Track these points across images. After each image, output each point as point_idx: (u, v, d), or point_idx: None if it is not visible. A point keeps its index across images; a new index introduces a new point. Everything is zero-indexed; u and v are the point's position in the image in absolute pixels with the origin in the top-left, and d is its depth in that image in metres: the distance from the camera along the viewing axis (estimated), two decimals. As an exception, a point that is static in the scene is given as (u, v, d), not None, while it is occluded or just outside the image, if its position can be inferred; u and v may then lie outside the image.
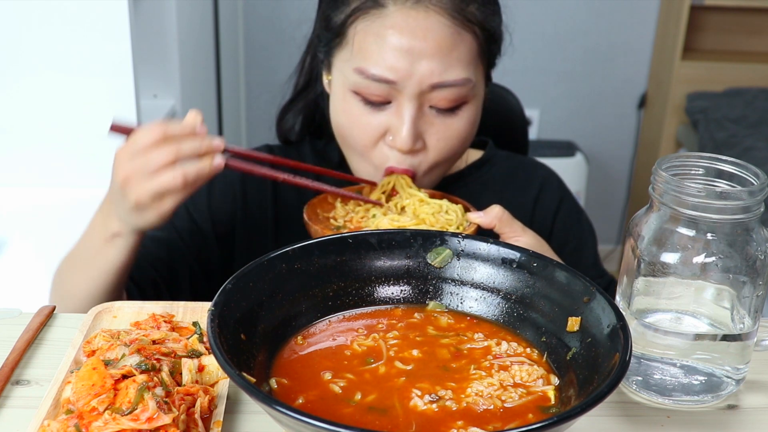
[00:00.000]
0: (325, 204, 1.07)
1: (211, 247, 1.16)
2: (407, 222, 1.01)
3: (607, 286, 1.16)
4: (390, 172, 1.08)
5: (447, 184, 1.16)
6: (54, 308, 0.90)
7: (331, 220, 1.04)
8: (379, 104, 1.05)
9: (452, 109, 1.06)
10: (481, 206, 1.05)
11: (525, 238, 0.98)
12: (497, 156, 1.27)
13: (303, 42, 1.22)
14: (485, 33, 1.06)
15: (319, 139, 1.26)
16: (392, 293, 0.78)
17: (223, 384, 0.74)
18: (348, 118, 1.08)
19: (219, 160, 0.95)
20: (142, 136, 0.93)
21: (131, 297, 1.08)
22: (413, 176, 1.08)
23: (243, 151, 1.02)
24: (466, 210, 1.05)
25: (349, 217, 1.05)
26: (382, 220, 1.02)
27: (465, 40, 1.04)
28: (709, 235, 0.72)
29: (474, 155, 1.27)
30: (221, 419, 0.69)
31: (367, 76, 1.03)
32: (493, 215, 0.98)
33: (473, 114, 1.09)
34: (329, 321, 0.75)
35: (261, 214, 1.19)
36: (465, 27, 1.03)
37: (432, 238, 0.78)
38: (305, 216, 1.02)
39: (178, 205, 0.95)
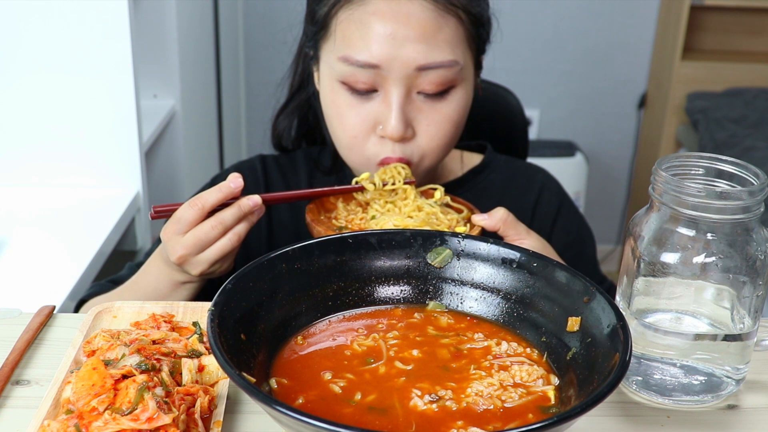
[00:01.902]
0: (328, 204, 1.07)
1: None
2: (409, 223, 1.00)
3: (607, 292, 1.16)
4: (385, 163, 1.07)
5: (447, 190, 1.15)
6: (54, 308, 0.90)
7: (333, 221, 1.04)
8: (366, 93, 1.05)
9: (441, 94, 1.06)
10: (480, 212, 1.05)
11: (529, 240, 0.98)
12: (496, 161, 1.26)
13: (295, 44, 1.23)
14: (470, 17, 1.06)
15: (313, 146, 1.26)
16: (392, 293, 0.78)
17: (223, 384, 0.74)
18: (336, 109, 1.08)
19: (261, 211, 0.99)
20: (185, 214, 0.96)
21: None
22: (408, 163, 1.08)
23: (276, 195, 1.04)
24: (471, 212, 1.05)
25: (350, 218, 1.05)
26: (383, 222, 1.01)
27: (449, 23, 1.04)
28: (709, 235, 0.72)
29: (473, 160, 1.26)
30: (221, 419, 0.69)
31: (351, 63, 1.03)
32: (498, 218, 0.98)
33: (463, 98, 1.09)
34: (329, 321, 0.75)
35: (256, 226, 1.19)
36: (448, 11, 1.03)
37: (432, 238, 0.78)
38: (308, 218, 1.01)
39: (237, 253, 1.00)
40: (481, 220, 0.99)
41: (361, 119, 1.06)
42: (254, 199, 0.98)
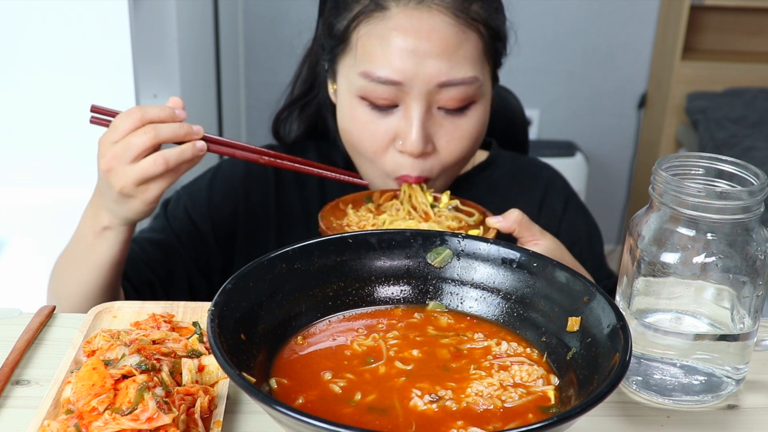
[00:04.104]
0: (337, 211, 1.06)
1: (210, 248, 1.16)
2: (423, 227, 1.00)
3: (614, 288, 1.16)
4: (404, 181, 1.07)
5: (453, 186, 1.15)
6: (54, 308, 0.90)
7: (346, 228, 1.03)
8: (386, 108, 1.04)
9: (461, 110, 1.05)
10: (486, 210, 1.04)
11: (544, 242, 0.97)
12: (502, 157, 1.26)
13: (301, 50, 1.22)
14: (490, 31, 1.06)
15: (323, 141, 1.25)
16: (392, 293, 0.78)
17: (223, 384, 0.74)
18: (356, 124, 1.07)
19: (201, 144, 0.97)
20: (122, 122, 0.94)
21: (128, 297, 1.08)
22: (426, 181, 1.07)
23: (223, 140, 1.02)
24: (483, 215, 1.04)
25: (361, 225, 1.04)
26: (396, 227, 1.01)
27: (470, 38, 1.03)
28: (709, 235, 0.72)
29: (479, 156, 1.26)
30: (221, 419, 0.69)
31: (372, 79, 1.02)
32: (513, 219, 0.96)
33: (482, 114, 1.08)
34: (329, 321, 0.75)
35: (264, 216, 1.18)
36: (469, 26, 1.03)
37: (432, 238, 0.78)
38: (322, 225, 1.00)
39: (163, 193, 0.97)
40: (496, 222, 0.98)
41: (381, 134, 1.05)
42: (197, 127, 0.96)
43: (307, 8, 1.20)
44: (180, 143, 0.97)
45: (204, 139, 0.98)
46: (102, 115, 0.99)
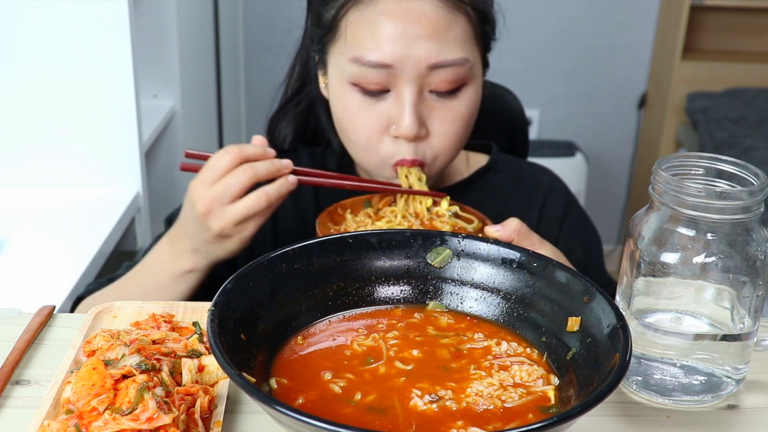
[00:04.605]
0: (335, 216, 1.06)
1: (220, 265, 1.16)
2: None
3: (614, 294, 1.15)
4: (400, 165, 1.07)
5: (453, 192, 1.14)
6: (54, 308, 0.90)
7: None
8: (378, 93, 1.05)
9: (452, 92, 1.06)
10: (486, 215, 1.04)
11: (543, 250, 0.95)
12: (502, 161, 1.26)
13: (293, 50, 1.22)
14: (478, 14, 1.06)
15: (315, 146, 1.26)
16: (392, 293, 0.78)
17: (223, 384, 0.74)
18: (348, 111, 1.07)
19: (293, 178, 0.98)
20: (218, 162, 0.95)
21: None
22: (422, 165, 1.08)
23: (306, 170, 1.03)
24: (483, 222, 1.04)
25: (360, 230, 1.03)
26: None
27: (459, 20, 1.04)
28: (709, 235, 0.72)
29: (479, 161, 1.26)
30: (221, 419, 0.69)
31: (363, 64, 1.03)
32: (512, 229, 0.95)
33: (474, 95, 1.09)
34: (329, 321, 0.75)
35: (261, 231, 1.19)
36: (457, 8, 1.03)
37: (432, 238, 0.78)
38: (319, 232, 1.00)
39: (258, 229, 0.97)
40: (495, 231, 0.97)
41: (374, 120, 1.06)
42: (286, 161, 0.97)
43: (299, 8, 1.20)
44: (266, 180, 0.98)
45: (291, 171, 0.99)
46: (194, 160, 0.99)
